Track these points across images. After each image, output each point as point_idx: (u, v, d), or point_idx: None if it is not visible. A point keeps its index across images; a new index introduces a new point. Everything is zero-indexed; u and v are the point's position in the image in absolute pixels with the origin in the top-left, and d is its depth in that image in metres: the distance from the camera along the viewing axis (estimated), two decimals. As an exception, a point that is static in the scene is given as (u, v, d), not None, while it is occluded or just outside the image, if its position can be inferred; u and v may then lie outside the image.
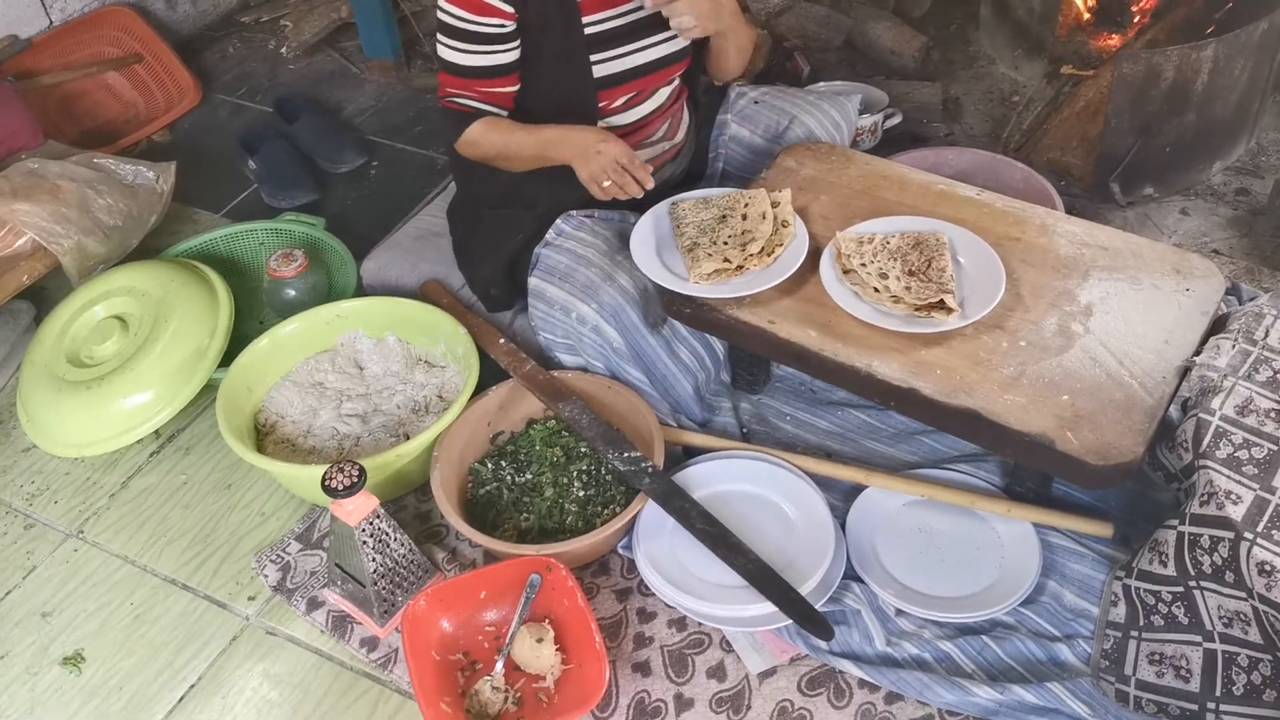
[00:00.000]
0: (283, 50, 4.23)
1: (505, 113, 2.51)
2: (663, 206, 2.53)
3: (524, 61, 2.46)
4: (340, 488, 2.11)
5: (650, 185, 2.38)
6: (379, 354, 2.74)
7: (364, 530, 2.17)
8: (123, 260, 3.05)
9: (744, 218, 2.44)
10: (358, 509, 2.15)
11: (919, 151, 3.05)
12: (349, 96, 4.01)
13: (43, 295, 3.11)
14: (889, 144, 3.27)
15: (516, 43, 2.42)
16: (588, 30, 2.42)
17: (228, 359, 2.66)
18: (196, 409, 2.79)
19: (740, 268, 2.35)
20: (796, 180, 2.57)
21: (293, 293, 2.87)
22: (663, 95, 2.60)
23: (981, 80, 3.66)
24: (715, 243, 2.39)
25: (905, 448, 2.49)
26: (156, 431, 2.73)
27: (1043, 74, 3.44)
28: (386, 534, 2.22)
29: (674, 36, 2.49)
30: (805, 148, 2.68)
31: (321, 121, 3.74)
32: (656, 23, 2.46)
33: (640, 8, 2.43)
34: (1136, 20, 3.33)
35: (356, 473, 2.13)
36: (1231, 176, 3.19)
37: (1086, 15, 3.37)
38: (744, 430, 2.57)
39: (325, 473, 2.14)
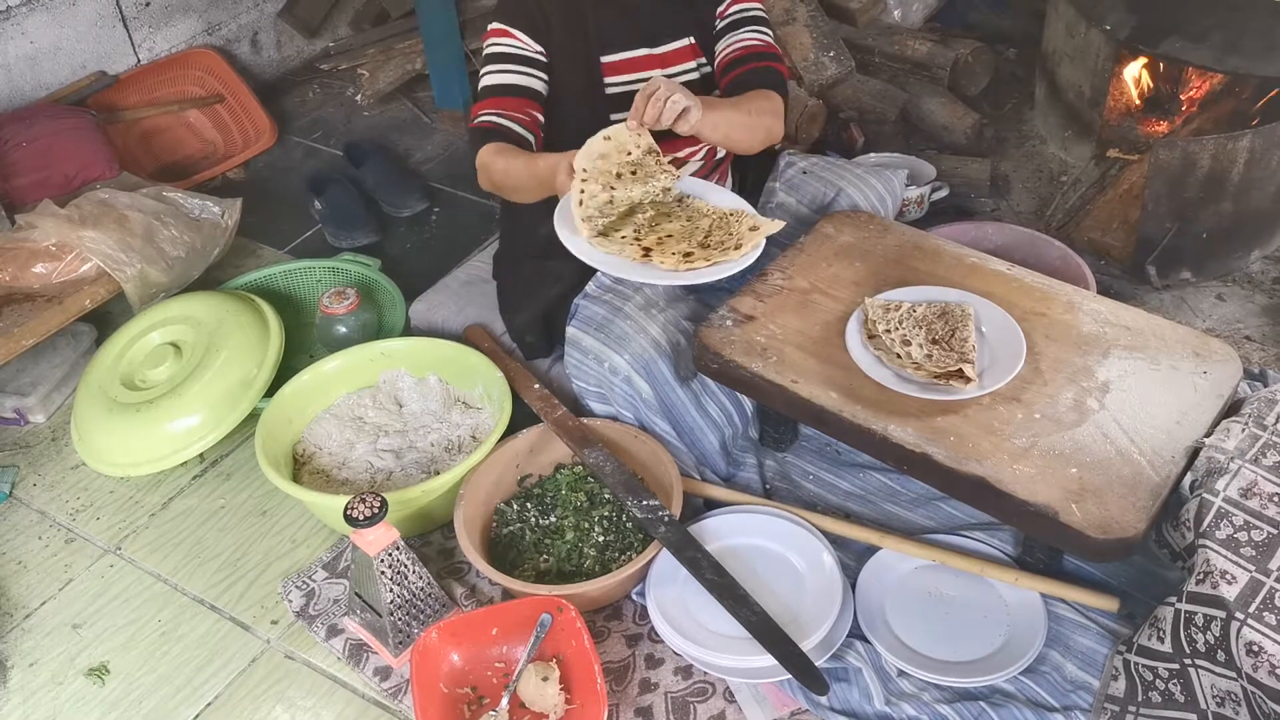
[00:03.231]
0: (358, 98, 4.37)
1: (531, 138, 2.55)
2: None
3: (549, 120, 2.54)
4: (361, 517, 2.17)
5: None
6: (419, 393, 2.80)
7: (382, 560, 2.22)
8: (184, 289, 3.15)
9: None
10: (377, 539, 2.21)
11: (959, 225, 3.07)
12: (418, 144, 4.13)
13: (105, 319, 3.21)
14: (935, 216, 3.31)
15: (546, 77, 2.54)
16: (609, 90, 2.50)
17: (276, 390, 2.73)
18: (241, 436, 2.86)
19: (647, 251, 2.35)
20: (834, 246, 2.61)
21: (343, 329, 2.96)
22: (695, 164, 2.65)
23: (1032, 159, 3.70)
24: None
25: (923, 513, 2.51)
26: (201, 456, 2.81)
27: (1090, 156, 3.47)
28: (405, 566, 2.27)
29: None
30: (845, 216, 2.72)
31: (387, 166, 3.85)
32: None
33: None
34: (1184, 109, 3.35)
35: (378, 504, 2.19)
36: (1270, 265, 3.19)
37: (1137, 102, 3.39)
38: (766, 486, 2.60)
39: (348, 502, 2.20)
